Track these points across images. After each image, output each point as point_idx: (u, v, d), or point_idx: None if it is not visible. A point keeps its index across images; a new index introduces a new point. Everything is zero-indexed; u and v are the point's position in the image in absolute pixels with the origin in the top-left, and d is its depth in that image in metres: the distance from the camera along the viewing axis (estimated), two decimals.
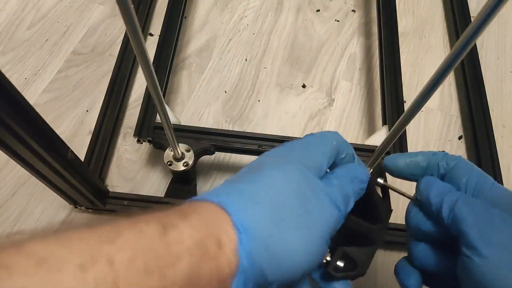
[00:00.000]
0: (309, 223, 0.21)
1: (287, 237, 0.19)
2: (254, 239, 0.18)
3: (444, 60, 0.25)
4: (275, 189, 0.20)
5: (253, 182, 0.21)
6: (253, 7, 0.69)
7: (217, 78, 0.62)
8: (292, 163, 0.22)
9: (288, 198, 0.20)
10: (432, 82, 0.27)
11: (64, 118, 0.56)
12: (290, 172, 0.22)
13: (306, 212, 0.21)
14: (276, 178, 0.21)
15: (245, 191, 0.20)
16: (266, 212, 0.19)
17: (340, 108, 0.60)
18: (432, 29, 0.69)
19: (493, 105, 0.61)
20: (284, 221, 0.20)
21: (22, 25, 0.64)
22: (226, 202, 0.19)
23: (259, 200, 0.20)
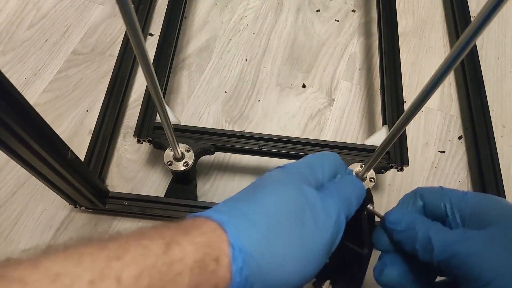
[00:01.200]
0: (305, 238, 0.22)
1: (280, 259, 0.21)
2: (247, 257, 0.20)
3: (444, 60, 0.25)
4: (272, 210, 0.22)
5: (253, 202, 0.22)
6: (253, 7, 0.69)
7: (217, 78, 0.62)
8: (291, 181, 0.24)
9: (284, 218, 0.22)
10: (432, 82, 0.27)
11: (64, 118, 0.56)
12: (289, 192, 0.23)
13: (302, 229, 0.22)
14: (275, 199, 0.22)
15: (244, 212, 0.22)
16: (261, 232, 0.21)
17: (340, 108, 0.60)
18: (432, 29, 0.69)
19: (493, 105, 0.61)
20: (278, 240, 0.21)
21: (22, 25, 0.64)
22: (225, 222, 0.21)
23: (256, 221, 0.21)
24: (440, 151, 0.57)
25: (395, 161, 0.48)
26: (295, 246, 0.22)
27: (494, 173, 0.52)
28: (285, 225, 0.22)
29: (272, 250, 0.21)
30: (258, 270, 0.20)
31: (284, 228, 0.22)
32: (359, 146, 0.49)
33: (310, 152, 0.48)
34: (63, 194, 0.43)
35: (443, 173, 0.56)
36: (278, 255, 0.21)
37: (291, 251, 0.21)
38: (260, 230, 0.21)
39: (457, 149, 0.58)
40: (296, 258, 0.21)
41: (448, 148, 0.58)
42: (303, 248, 0.22)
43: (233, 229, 0.20)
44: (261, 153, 0.49)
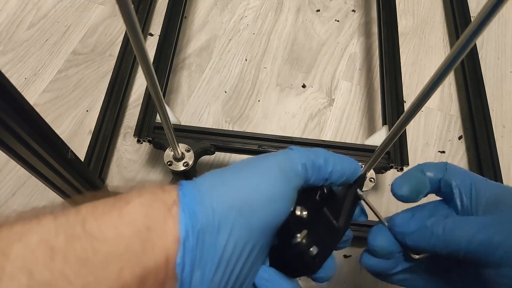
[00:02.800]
0: (251, 168, 0.21)
1: (220, 177, 0.21)
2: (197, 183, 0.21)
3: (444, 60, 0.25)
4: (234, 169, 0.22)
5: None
6: (253, 7, 0.69)
7: (217, 78, 0.62)
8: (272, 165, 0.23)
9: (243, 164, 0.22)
10: (432, 82, 0.27)
11: (64, 118, 0.56)
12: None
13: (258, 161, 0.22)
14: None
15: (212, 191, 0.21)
16: (212, 175, 0.21)
17: (340, 108, 0.60)
18: (432, 29, 0.69)
19: (493, 105, 0.61)
20: (227, 174, 0.21)
21: (22, 25, 0.64)
22: (185, 193, 0.20)
23: (212, 173, 0.21)
24: (440, 151, 0.57)
25: (395, 161, 0.48)
26: (241, 169, 0.21)
27: (494, 173, 0.52)
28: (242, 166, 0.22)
29: (214, 176, 0.21)
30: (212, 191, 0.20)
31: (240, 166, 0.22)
32: (359, 146, 0.49)
33: None
34: (63, 194, 0.43)
35: None
36: (220, 176, 0.21)
37: (236, 174, 0.21)
38: (213, 177, 0.21)
39: (457, 149, 0.58)
40: (241, 176, 0.21)
41: (448, 148, 0.58)
42: (249, 168, 0.21)
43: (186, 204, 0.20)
44: (261, 153, 0.49)
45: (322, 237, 0.23)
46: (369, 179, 0.45)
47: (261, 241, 0.21)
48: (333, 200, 0.26)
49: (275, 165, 0.21)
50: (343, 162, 0.25)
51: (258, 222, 0.20)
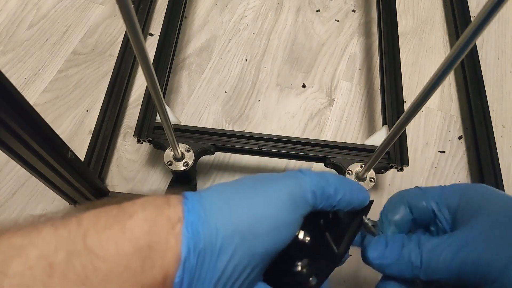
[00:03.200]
0: (259, 187, 0.21)
1: (228, 200, 0.20)
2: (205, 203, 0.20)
3: (444, 60, 0.25)
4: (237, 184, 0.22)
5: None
6: (253, 7, 0.69)
7: (217, 78, 0.62)
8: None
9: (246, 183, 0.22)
10: (432, 82, 0.27)
11: (64, 118, 0.56)
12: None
13: (259, 184, 0.21)
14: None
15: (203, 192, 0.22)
16: (219, 193, 0.21)
17: (340, 108, 0.60)
18: (432, 29, 0.69)
19: (493, 105, 0.61)
20: (234, 195, 0.21)
21: (22, 25, 0.64)
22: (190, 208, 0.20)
23: (217, 190, 0.21)
24: (440, 151, 0.57)
25: (395, 161, 0.48)
26: (249, 192, 0.21)
27: (494, 173, 0.52)
28: (242, 189, 0.21)
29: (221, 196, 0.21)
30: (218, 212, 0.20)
31: (247, 185, 0.22)
32: (359, 146, 0.49)
33: (310, 152, 0.48)
34: (63, 194, 0.43)
35: (443, 173, 0.56)
36: (229, 199, 0.21)
37: (244, 196, 0.21)
38: (217, 192, 0.21)
39: (457, 149, 0.58)
40: (249, 200, 0.20)
41: (448, 148, 0.58)
42: (258, 192, 0.21)
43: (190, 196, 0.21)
44: (261, 153, 0.49)
45: (321, 265, 0.23)
46: (369, 179, 0.45)
47: (261, 264, 0.21)
48: (336, 225, 0.25)
49: (285, 191, 0.21)
50: (353, 191, 0.24)
51: (261, 249, 0.20)
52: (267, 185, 0.21)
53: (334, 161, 0.47)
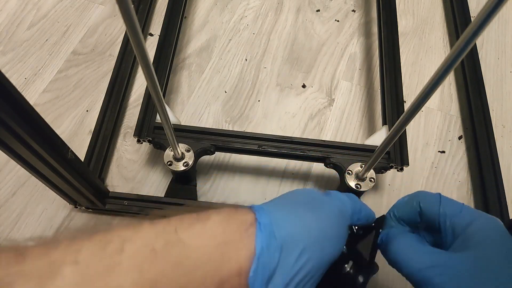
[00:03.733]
0: (319, 208, 0.25)
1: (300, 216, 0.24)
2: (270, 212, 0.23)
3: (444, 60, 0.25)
4: (294, 198, 0.26)
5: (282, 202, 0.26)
6: (253, 7, 0.69)
7: (217, 78, 0.62)
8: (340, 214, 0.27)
9: (302, 200, 0.25)
10: (432, 82, 0.27)
11: (64, 118, 0.56)
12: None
13: (317, 205, 0.25)
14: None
15: (272, 204, 0.25)
16: (282, 206, 0.24)
17: (340, 108, 0.60)
18: (432, 29, 0.69)
19: (493, 105, 0.61)
20: (298, 209, 0.24)
21: (22, 25, 0.64)
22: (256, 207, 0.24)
23: (279, 204, 0.25)
24: (440, 151, 0.57)
25: (395, 161, 0.48)
26: (308, 207, 0.25)
27: (494, 173, 0.52)
28: (303, 203, 0.25)
29: (293, 212, 0.24)
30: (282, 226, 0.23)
31: (303, 204, 0.25)
32: (359, 146, 0.49)
33: (310, 152, 0.48)
34: (63, 194, 0.43)
35: (443, 173, 0.56)
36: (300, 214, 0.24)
37: (310, 212, 0.24)
38: (281, 206, 0.24)
39: (457, 149, 0.58)
40: (313, 214, 0.24)
41: (448, 148, 0.58)
42: (316, 208, 0.25)
43: (260, 207, 0.24)
44: (261, 153, 0.49)
45: (361, 267, 0.27)
46: (369, 179, 0.45)
47: (325, 268, 0.24)
48: (359, 237, 0.29)
49: (337, 209, 0.26)
50: (366, 207, 0.29)
51: (328, 255, 0.24)
52: (320, 203, 0.26)
53: (334, 161, 0.47)
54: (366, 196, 0.53)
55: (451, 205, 0.27)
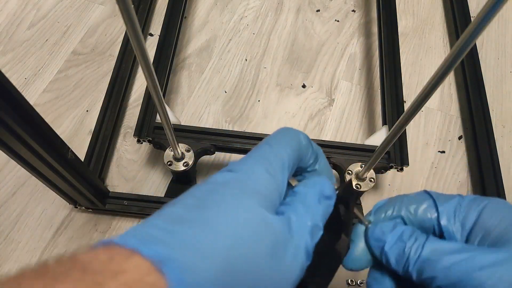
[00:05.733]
0: (275, 281, 0.17)
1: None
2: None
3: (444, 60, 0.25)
4: (233, 241, 0.16)
5: (201, 225, 0.16)
6: (253, 7, 0.69)
7: (217, 78, 0.62)
8: (253, 200, 0.18)
9: (249, 253, 0.16)
10: (432, 82, 0.27)
11: (64, 118, 0.56)
12: (253, 217, 0.17)
13: (272, 269, 0.17)
14: (235, 225, 0.16)
15: (191, 241, 0.15)
16: (220, 272, 0.15)
17: (340, 108, 0.60)
18: (432, 29, 0.69)
19: (493, 105, 0.61)
20: (243, 284, 0.16)
21: (22, 25, 0.64)
22: (164, 259, 0.14)
23: (212, 255, 0.15)
24: (440, 151, 0.57)
25: (395, 161, 0.48)
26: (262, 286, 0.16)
27: (494, 173, 0.52)
28: (247, 262, 0.16)
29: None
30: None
31: (246, 265, 0.16)
32: (359, 146, 0.49)
33: None
34: (63, 194, 0.43)
35: (443, 173, 0.56)
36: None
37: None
38: (217, 268, 0.15)
39: (457, 149, 0.58)
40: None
41: (448, 148, 0.58)
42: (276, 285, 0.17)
43: (177, 272, 0.14)
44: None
45: (321, 268, 0.22)
46: (369, 179, 0.45)
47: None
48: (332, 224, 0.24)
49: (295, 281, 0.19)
50: (324, 188, 0.22)
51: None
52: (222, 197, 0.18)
53: (334, 161, 0.47)
54: (366, 196, 0.53)
55: (446, 197, 0.22)
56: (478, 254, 0.19)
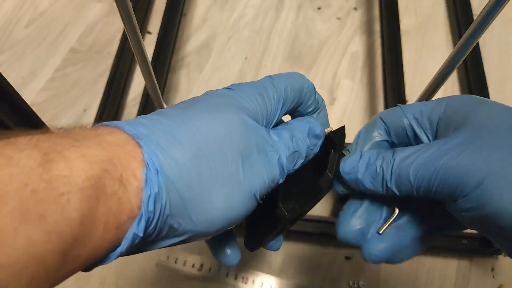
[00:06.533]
0: (240, 180, 0.18)
1: (207, 191, 0.17)
2: (167, 182, 0.16)
3: (447, 59, 0.25)
4: (207, 134, 0.17)
5: (182, 119, 0.18)
6: (253, 5, 0.69)
7: (216, 77, 0.61)
8: (236, 107, 0.19)
9: (221, 147, 0.18)
10: (435, 81, 0.26)
11: (62, 117, 0.56)
12: (231, 118, 0.18)
13: (239, 167, 0.18)
14: (212, 122, 0.18)
15: (169, 127, 0.17)
16: (188, 155, 0.17)
17: (342, 107, 0.60)
18: (434, 28, 0.69)
19: None
20: (210, 172, 0.17)
21: (19, 24, 0.63)
22: (142, 135, 0.16)
23: (185, 141, 0.17)
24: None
25: None
26: (225, 181, 0.18)
27: None
28: (217, 154, 0.17)
29: (199, 179, 0.17)
30: (177, 201, 0.16)
31: (216, 157, 0.17)
32: None
33: None
34: None
35: None
36: (204, 186, 0.17)
37: (219, 185, 0.17)
38: (188, 152, 0.17)
39: None
40: (224, 196, 0.17)
41: None
42: (234, 187, 0.18)
43: (152, 146, 0.16)
44: None
45: (300, 196, 0.22)
46: None
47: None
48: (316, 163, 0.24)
49: (258, 194, 0.19)
50: (314, 126, 0.23)
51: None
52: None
53: None
54: None
55: (413, 105, 0.23)
56: (439, 146, 0.20)
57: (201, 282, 0.46)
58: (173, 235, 0.17)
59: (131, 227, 0.15)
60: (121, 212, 0.15)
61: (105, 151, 0.15)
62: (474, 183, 0.18)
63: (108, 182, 0.15)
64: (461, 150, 0.19)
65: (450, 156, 0.19)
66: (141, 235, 0.15)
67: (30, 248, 0.12)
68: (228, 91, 0.21)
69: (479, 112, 0.20)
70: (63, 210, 0.13)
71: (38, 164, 0.13)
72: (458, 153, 0.19)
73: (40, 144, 0.14)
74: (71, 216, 0.13)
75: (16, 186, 0.12)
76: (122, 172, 0.15)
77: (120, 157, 0.15)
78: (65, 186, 0.13)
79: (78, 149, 0.14)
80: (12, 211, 0.12)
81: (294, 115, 0.25)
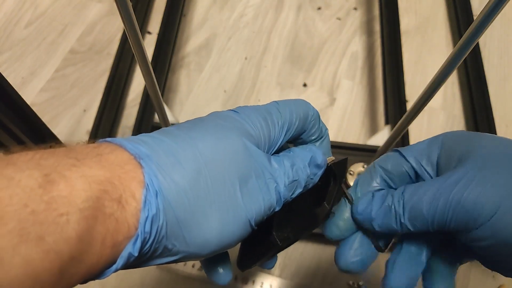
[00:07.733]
0: (236, 205, 0.18)
1: (203, 214, 0.17)
2: (166, 204, 0.16)
3: (447, 59, 0.25)
4: (209, 156, 0.18)
5: (184, 140, 0.18)
6: (253, 5, 0.69)
7: (216, 77, 0.61)
8: (239, 132, 0.19)
9: (220, 171, 0.18)
10: (435, 81, 0.26)
11: (62, 117, 0.56)
12: (233, 143, 0.19)
13: (237, 192, 0.18)
14: (215, 145, 0.18)
15: (172, 148, 0.17)
16: (189, 179, 0.17)
17: (342, 108, 0.60)
18: (434, 28, 0.69)
19: (496, 104, 0.61)
20: (207, 196, 0.17)
21: (19, 24, 0.63)
22: (143, 155, 0.16)
23: (186, 163, 0.17)
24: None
25: None
26: (222, 205, 0.18)
27: None
28: (216, 178, 0.18)
29: (196, 203, 0.17)
30: (173, 222, 0.16)
31: (215, 180, 0.18)
32: (361, 146, 0.48)
33: None
34: None
35: None
36: (201, 210, 0.17)
37: (216, 209, 0.18)
38: (188, 175, 0.17)
39: None
40: (219, 220, 0.18)
41: None
42: (230, 212, 0.18)
43: (153, 167, 0.16)
44: None
45: (295, 225, 0.23)
46: None
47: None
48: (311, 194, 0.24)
49: (254, 221, 0.20)
50: (316, 155, 0.23)
51: None
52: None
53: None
54: None
55: (410, 147, 0.23)
56: (446, 179, 0.20)
57: (201, 283, 0.46)
58: (167, 255, 0.18)
59: (127, 246, 0.15)
60: (118, 231, 0.15)
61: (105, 171, 0.15)
62: (489, 213, 0.18)
63: (107, 203, 0.15)
64: (470, 180, 0.19)
65: (460, 187, 0.19)
66: (136, 255, 0.16)
67: (27, 267, 0.13)
68: (233, 114, 0.21)
69: (478, 144, 0.21)
70: (62, 230, 0.13)
71: (38, 185, 0.13)
72: (467, 183, 0.19)
73: (42, 163, 0.14)
74: (69, 235, 0.13)
75: (16, 207, 0.13)
76: (122, 193, 0.15)
77: (120, 177, 0.16)
78: (64, 206, 0.14)
79: (79, 169, 0.15)
80: (11, 232, 0.12)
81: (297, 142, 0.25)
